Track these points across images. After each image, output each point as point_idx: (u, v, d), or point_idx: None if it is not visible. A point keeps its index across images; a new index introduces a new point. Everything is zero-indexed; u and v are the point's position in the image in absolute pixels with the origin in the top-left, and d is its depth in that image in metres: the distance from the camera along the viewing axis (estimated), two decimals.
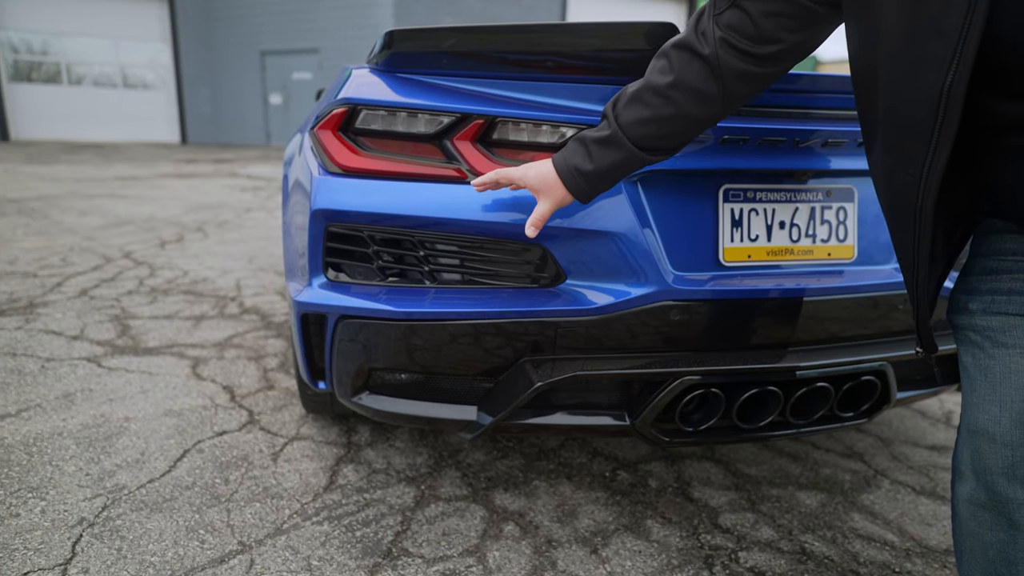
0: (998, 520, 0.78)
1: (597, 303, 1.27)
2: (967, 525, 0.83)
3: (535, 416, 1.37)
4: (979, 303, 0.81)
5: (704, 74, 0.96)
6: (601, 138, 1.05)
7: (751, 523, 1.57)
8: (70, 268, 3.69)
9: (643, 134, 1.02)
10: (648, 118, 1.01)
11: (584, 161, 1.06)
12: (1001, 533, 0.78)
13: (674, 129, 1.02)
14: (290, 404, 2.10)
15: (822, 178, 1.38)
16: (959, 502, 0.84)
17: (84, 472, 1.67)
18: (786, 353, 1.37)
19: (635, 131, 1.02)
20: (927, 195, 0.75)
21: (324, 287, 1.34)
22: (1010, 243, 0.78)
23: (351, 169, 1.29)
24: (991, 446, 0.77)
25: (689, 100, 0.98)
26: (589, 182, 1.08)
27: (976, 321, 0.81)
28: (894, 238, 0.85)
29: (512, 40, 1.23)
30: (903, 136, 0.76)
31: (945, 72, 0.68)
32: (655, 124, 1.01)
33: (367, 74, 1.35)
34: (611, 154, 1.04)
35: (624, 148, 1.03)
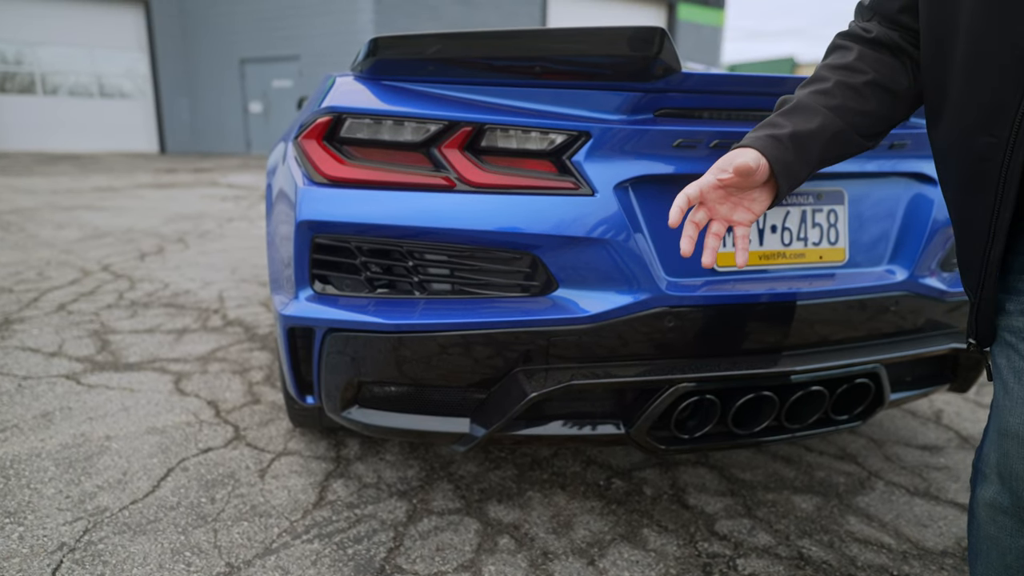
0: (1020, 526, 0.77)
1: (590, 311, 1.25)
2: (986, 529, 0.82)
3: (529, 427, 1.35)
4: (1017, 303, 0.78)
5: (886, 48, 0.93)
6: (785, 110, 0.94)
7: (748, 529, 1.56)
8: (47, 282, 3.60)
9: (835, 104, 0.92)
10: (835, 89, 0.93)
11: (773, 128, 0.92)
12: (1021, 539, 0.77)
13: (871, 102, 0.93)
14: (277, 418, 2.06)
15: (812, 181, 1.37)
16: (980, 505, 0.82)
17: (64, 495, 1.62)
18: (780, 357, 1.36)
19: (824, 100, 0.93)
20: (1016, 154, 0.71)
21: (311, 300, 1.31)
22: None
23: (337, 179, 1.26)
24: (1020, 450, 0.75)
25: (879, 69, 0.92)
26: (785, 145, 0.90)
27: (1013, 322, 0.78)
28: (959, 212, 0.81)
29: (499, 46, 1.21)
30: (987, 95, 0.73)
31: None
32: (847, 94, 0.92)
33: (351, 82, 1.33)
34: (803, 119, 0.92)
35: (817, 112, 0.92)
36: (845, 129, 0.93)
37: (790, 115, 0.93)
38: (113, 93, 16.12)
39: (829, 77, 0.94)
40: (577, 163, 1.24)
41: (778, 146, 0.90)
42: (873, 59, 0.93)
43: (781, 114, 0.94)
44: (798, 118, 0.92)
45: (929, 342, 1.48)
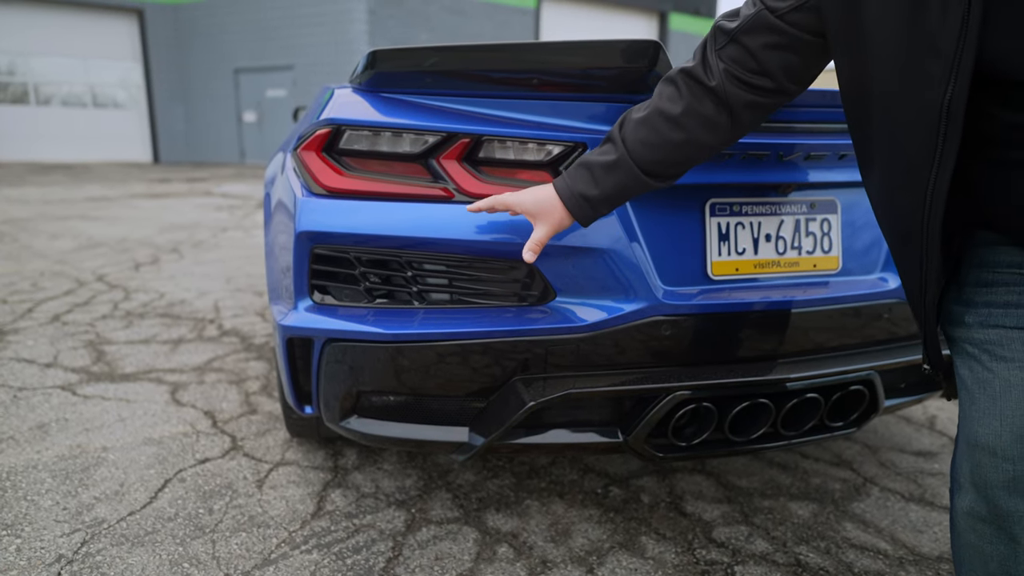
0: (998, 534, 0.78)
1: (588, 320, 1.26)
2: (966, 537, 0.83)
3: (528, 435, 1.35)
4: (975, 316, 0.80)
5: (713, 104, 0.97)
6: (608, 163, 1.04)
7: (745, 536, 1.56)
8: (41, 293, 3.59)
9: (652, 159, 1.01)
10: (658, 144, 1.00)
11: (589, 186, 1.05)
12: (1001, 546, 0.78)
13: (683, 155, 1.02)
14: (274, 428, 2.06)
15: (806, 190, 1.39)
16: (958, 514, 0.83)
17: (61, 506, 1.61)
18: (776, 365, 1.37)
19: (644, 156, 1.01)
20: (933, 215, 0.75)
21: (310, 310, 1.32)
22: (1004, 255, 0.78)
23: (336, 190, 1.28)
24: (992, 460, 0.77)
25: (699, 127, 0.98)
26: (594, 206, 1.07)
27: (973, 334, 0.80)
28: (898, 262, 0.85)
29: (496, 58, 1.22)
30: (904, 158, 0.76)
31: (944, 89, 0.68)
32: (665, 149, 1.01)
33: (350, 94, 1.34)
34: (617, 179, 1.04)
35: (631, 173, 1.03)
36: (651, 183, 1.05)
37: (608, 172, 1.04)
38: (107, 103, 16.10)
39: (656, 127, 1.00)
40: None
41: (587, 207, 1.07)
42: (697, 115, 0.98)
43: (602, 167, 1.05)
44: (613, 179, 1.04)
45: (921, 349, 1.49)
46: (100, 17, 15.54)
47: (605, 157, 1.04)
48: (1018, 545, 0.76)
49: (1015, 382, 0.75)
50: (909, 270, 0.83)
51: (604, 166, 1.04)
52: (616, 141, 1.04)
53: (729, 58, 0.93)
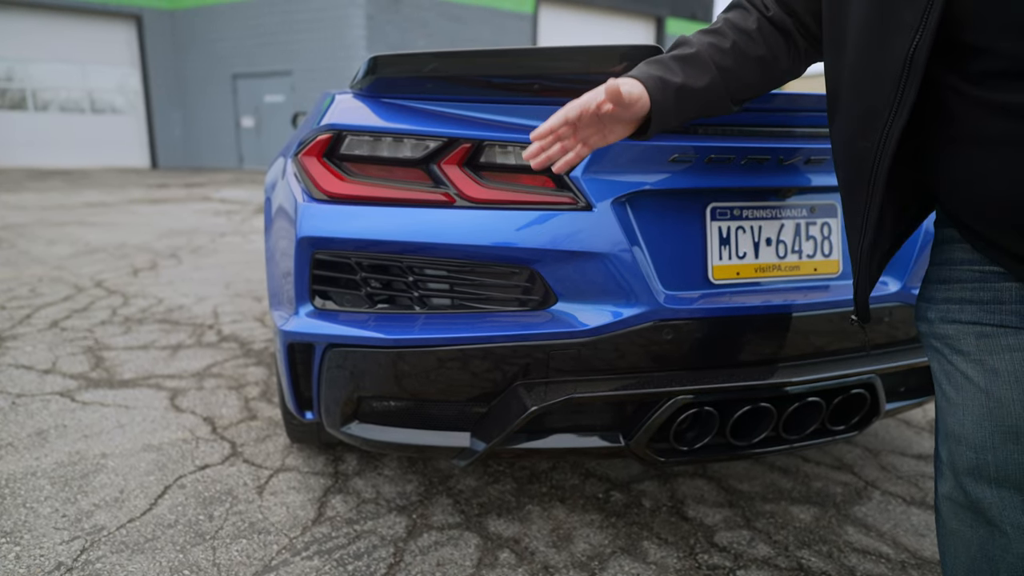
0: (976, 518, 0.80)
1: (589, 324, 1.26)
2: (949, 523, 0.85)
3: (529, 440, 1.35)
4: (936, 312, 0.84)
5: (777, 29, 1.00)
6: (683, 55, 0.99)
7: (747, 540, 1.56)
8: (39, 299, 3.58)
9: (727, 66, 0.99)
10: (732, 51, 1.00)
11: (668, 73, 0.97)
12: (981, 530, 0.80)
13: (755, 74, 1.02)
14: (274, 434, 2.05)
15: (806, 194, 1.39)
16: (941, 500, 0.86)
17: (60, 513, 1.60)
18: (777, 369, 1.37)
19: (720, 60, 1.00)
20: (882, 161, 0.79)
21: (311, 315, 1.32)
22: (958, 252, 0.81)
23: (337, 195, 1.28)
24: (959, 448, 0.81)
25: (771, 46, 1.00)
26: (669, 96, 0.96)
27: (936, 329, 0.84)
28: (846, 207, 0.89)
29: (497, 64, 1.23)
30: (865, 103, 0.80)
31: (911, 38, 0.72)
32: (740, 60, 1.00)
33: (351, 99, 1.34)
34: (695, 73, 0.98)
35: (708, 71, 0.99)
36: (724, 95, 1.01)
37: (684, 64, 0.98)
38: (104, 108, 16.10)
39: (728, 35, 1.01)
40: (575, 178, 1.26)
41: (664, 93, 0.96)
42: (770, 33, 1.00)
43: (676, 59, 1.00)
44: (691, 71, 0.98)
45: (922, 352, 1.50)
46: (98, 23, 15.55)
47: (680, 52, 1.01)
48: (995, 528, 0.78)
49: (971, 375, 0.79)
50: (852, 215, 0.87)
51: (680, 59, 0.99)
52: (690, 42, 1.02)
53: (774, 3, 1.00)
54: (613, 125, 0.99)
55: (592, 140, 1.00)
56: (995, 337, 0.78)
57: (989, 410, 0.77)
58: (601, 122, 0.97)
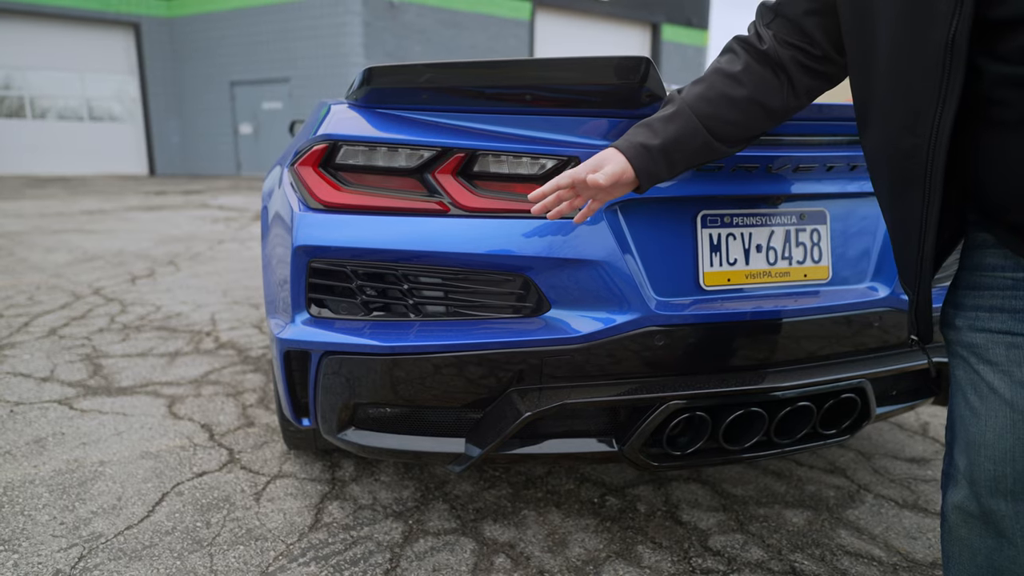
0: (987, 528, 0.80)
1: (582, 331, 1.28)
2: (957, 531, 0.85)
3: (524, 446, 1.36)
4: (964, 319, 0.83)
5: (770, 67, 1.00)
6: (666, 115, 1.03)
7: (741, 544, 1.57)
8: (38, 307, 3.59)
9: (710, 113, 1.02)
10: (716, 98, 1.02)
11: (649, 137, 1.03)
12: (989, 540, 0.81)
13: (743, 114, 1.02)
14: (271, 441, 2.06)
15: (795, 202, 1.41)
16: (950, 508, 0.86)
17: (58, 521, 1.61)
18: (768, 374, 1.39)
19: (703, 109, 1.02)
20: (937, 156, 0.76)
21: (307, 323, 1.33)
22: (991, 257, 0.80)
23: (332, 204, 1.29)
24: (978, 458, 0.80)
25: (758, 86, 1.01)
26: (654, 157, 1.04)
27: (963, 337, 0.83)
28: (895, 211, 0.85)
29: (491, 75, 1.25)
30: (909, 104, 0.78)
31: (949, 25, 0.71)
32: (724, 104, 1.02)
33: (346, 110, 1.36)
34: (677, 128, 1.03)
35: (690, 123, 1.02)
36: (713, 141, 1.04)
37: (667, 123, 1.03)
38: (103, 116, 16.14)
39: (715, 84, 1.03)
40: None
41: (647, 157, 1.04)
42: (757, 74, 1.01)
43: (660, 120, 1.04)
44: (673, 128, 1.03)
45: (912, 357, 1.51)
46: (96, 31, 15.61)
47: (664, 112, 1.04)
48: (1005, 540, 0.79)
49: (997, 386, 0.78)
50: (908, 217, 0.82)
51: (663, 118, 1.03)
52: (674, 99, 1.05)
53: (777, 28, 1.00)
54: (611, 188, 1.06)
55: (600, 197, 1.08)
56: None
57: (1013, 423, 0.77)
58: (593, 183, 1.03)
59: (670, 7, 18.98)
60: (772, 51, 0.99)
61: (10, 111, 15.18)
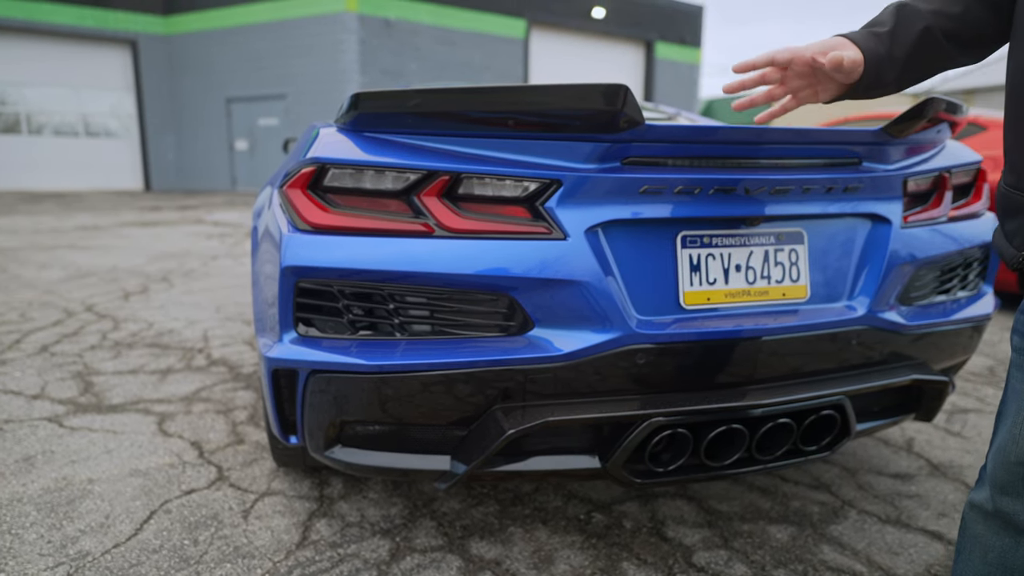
0: (1006, 528, 0.83)
1: (564, 349, 1.30)
2: (973, 527, 0.87)
3: (508, 463, 1.38)
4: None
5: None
6: (890, 10, 0.94)
7: (725, 560, 1.59)
8: (29, 324, 3.60)
9: (932, 9, 0.92)
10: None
11: (877, 26, 0.94)
12: (1007, 539, 0.83)
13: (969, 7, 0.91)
14: (261, 458, 2.07)
15: (773, 223, 1.45)
16: (972, 505, 0.88)
17: (46, 539, 1.62)
18: (748, 391, 1.41)
19: (922, 5, 0.93)
20: None
21: (295, 342, 1.35)
22: None
23: (320, 226, 1.32)
24: (1005, 462, 0.82)
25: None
26: (880, 39, 0.94)
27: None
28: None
29: (474, 100, 1.28)
30: None
31: None
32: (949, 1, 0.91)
33: (334, 133, 1.39)
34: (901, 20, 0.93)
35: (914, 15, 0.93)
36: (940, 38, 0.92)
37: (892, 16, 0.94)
38: (99, 131, 16.20)
39: None
40: (550, 209, 1.31)
41: (877, 41, 0.93)
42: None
43: (885, 13, 0.95)
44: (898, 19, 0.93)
45: (891, 374, 1.54)
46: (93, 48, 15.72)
47: (885, 10, 0.96)
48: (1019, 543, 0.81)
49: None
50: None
51: (887, 12, 0.95)
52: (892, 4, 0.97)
53: None
54: (827, 83, 0.95)
55: (803, 94, 0.98)
56: None
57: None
58: (815, 76, 0.94)
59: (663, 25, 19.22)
60: None
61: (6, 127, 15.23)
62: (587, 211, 1.32)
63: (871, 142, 1.47)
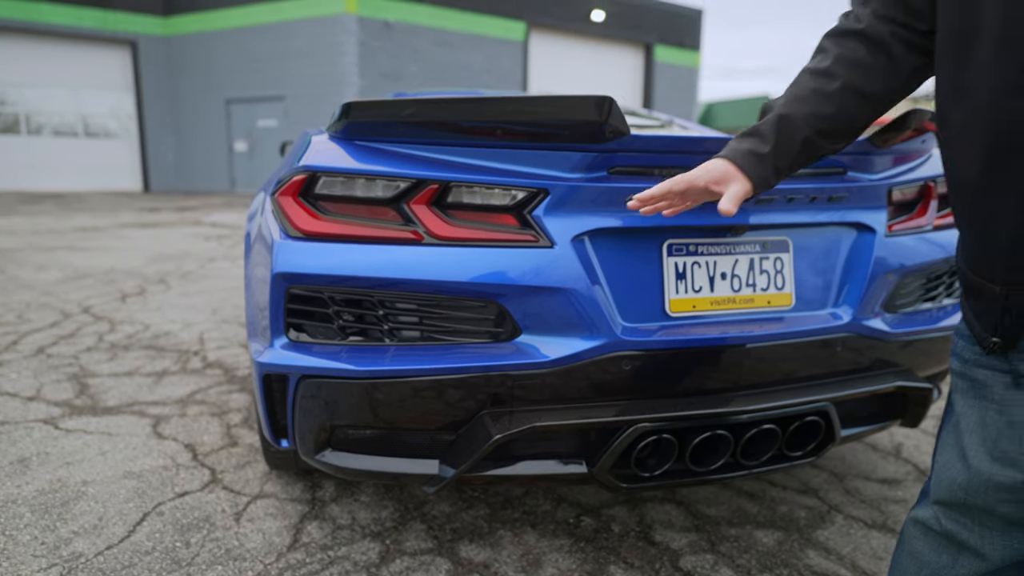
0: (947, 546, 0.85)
1: (551, 356, 1.32)
2: (912, 543, 0.89)
3: (496, 467, 1.40)
4: (972, 352, 0.84)
5: (865, 46, 0.93)
6: (769, 121, 1.01)
7: (711, 564, 1.61)
8: (26, 325, 3.61)
9: (808, 112, 0.97)
10: (808, 95, 0.97)
11: (757, 144, 1.01)
12: (945, 556, 0.85)
13: (842, 107, 0.96)
14: (254, 461, 2.09)
15: (758, 231, 1.47)
16: (915, 521, 0.90)
17: (39, 541, 1.63)
18: (733, 398, 1.43)
19: (799, 109, 0.98)
20: None
21: (286, 348, 1.37)
22: None
23: (311, 233, 1.34)
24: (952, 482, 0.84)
25: (853, 72, 0.94)
26: (763, 161, 1.01)
27: (966, 370, 0.85)
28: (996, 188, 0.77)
29: (462, 110, 1.30)
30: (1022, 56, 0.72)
31: None
32: (821, 101, 0.97)
33: (326, 141, 1.41)
34: (781, 133, 1.00)
35: (791, 125, 0.99)
36: (816, 139, 1.00)
37: (772, 128, 1.00)
38: (98, 132, 16.21)
39: (806, 83, 0.99)
40: (537, 217, 1.33)
41: (759, 164, 1.01)
42: (850, 61, 0.94)
43: (766, 124, 1.02)
44: (778, 132, 1.00)
45: (876, 380, 1.56)
46: (93, 48, 15.73)
47: (766, 119, 1.02)
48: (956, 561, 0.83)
49: (989, 421, 0.81)
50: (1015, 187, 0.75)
51: (767, 124, 1.01)
52: (773, 106, 1.02)
53: (876, 4, 0.93)
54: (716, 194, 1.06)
55: (700, 199, 1.09)
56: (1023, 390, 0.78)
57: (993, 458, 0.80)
58: (710, 193, 1.04)
59: (663, 29, 19.26)
60: (870, 29, 0.92)
61: (5, 127, 15.24)
62: (574, 220, 1.34)
63: (856, 152, 1.49)
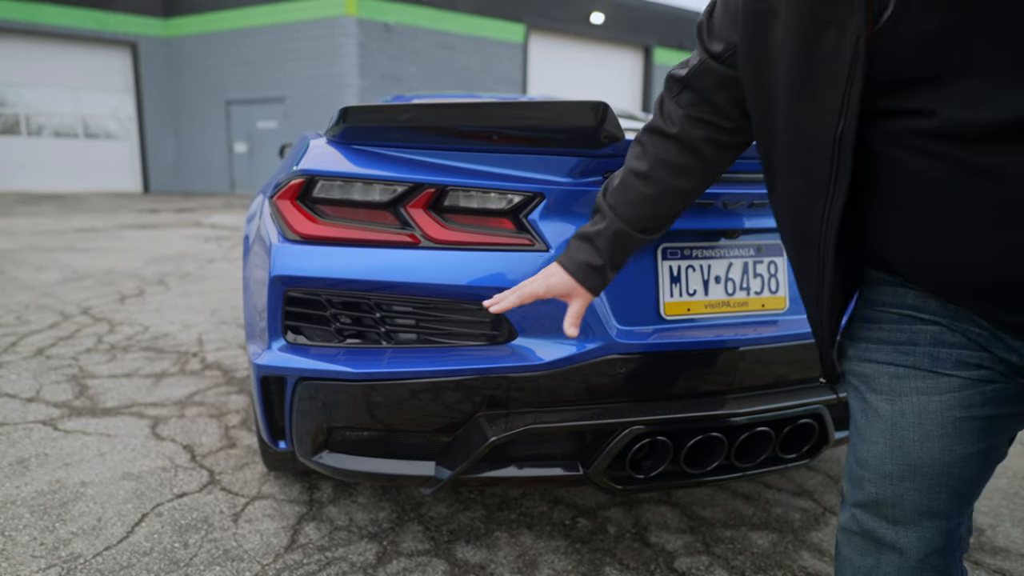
0: (868, 546, 0.87)
1: (546, 358, 1.34)
2: (843, 550, 0.92)
3: (492, 469, 1.41)
4: (855, 349, 0.88)
5: (678, 150, 1.02)
6: (600, 231, 1.09)
7: (706, 566, 1.62)
8: (25, 326, 3.62)
9: (638, 216, 1.07)
10: (636, 201, 1.06)
11: (593, 256, 1.10)
12: (869, 557, 0.87)
13: (665, 205, 1.07)
14: (252, 462, 2.10)
15: (752, 235, 1.48)
16: (840, 528, 0.92)
17: (38, 542, 1.64)
18: (727, 400, 1.44)
19: (630, 215, 1.07)
20: (828, 234, 0.81)
21: (283, 350, 1.38)
22: (883, 295, 0.85)
23: (309, 236, 1.35)
24: (861, 481, 0.86)
25: (670, 176, 1.04)
26: (602, 273, 1.11)
27: (853, 367, 0.89)
28: (798, 270, 0.90)
29: (459, 115, 1.31)
30: (802, 181, 0.83)
31: (836, 123, 0.75)
32: (645, 206, 1.06)
33: (324, 145, 1.42)
34: (615, 243, 1.09)
35: (625, 234, 1.08)
36: (643, 237, 1.10)
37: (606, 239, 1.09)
38: (98, 133, 16.23)
39: (631, 186, 1.07)
40: (532, 221, 1.34)
41: (597, 275, 1.12)
42: (666, 165, 1.03)
43: (599, 236, 1.10)
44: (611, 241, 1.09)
45: None
46: (93, 49, 15.75)
47: (597, 227, 1.10)
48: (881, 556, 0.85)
49: (882, 413, 0.84)
50: (807, 277, 0.88)
51: (599, 234, 1.09)
52: (603, 209, 1.10)
53: (687, 103, 1.00)
54: None
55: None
56: (906, 379, 0.82)
57: (891, 448, 0.83)
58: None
59: (662, 31, 19.30)
60: (683, 135, 1.01)
61: (5, 128, 15.25)
62: (569, 224, 1.35)
63: None
